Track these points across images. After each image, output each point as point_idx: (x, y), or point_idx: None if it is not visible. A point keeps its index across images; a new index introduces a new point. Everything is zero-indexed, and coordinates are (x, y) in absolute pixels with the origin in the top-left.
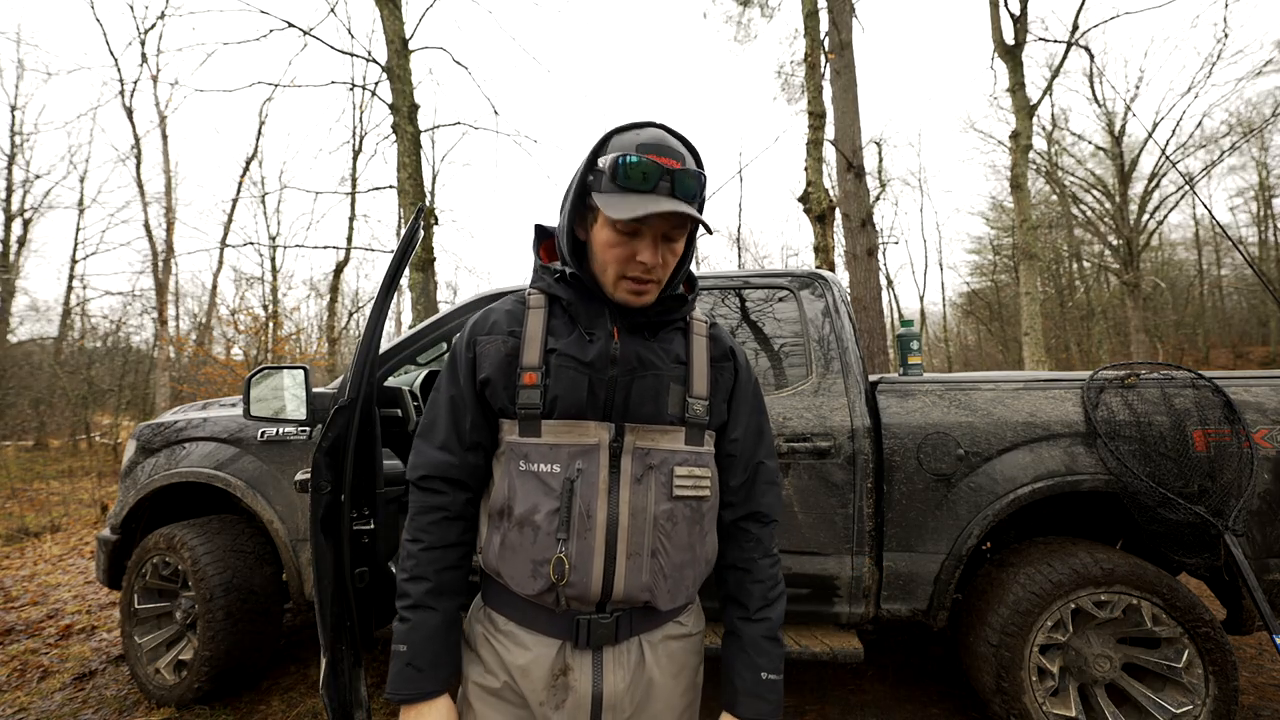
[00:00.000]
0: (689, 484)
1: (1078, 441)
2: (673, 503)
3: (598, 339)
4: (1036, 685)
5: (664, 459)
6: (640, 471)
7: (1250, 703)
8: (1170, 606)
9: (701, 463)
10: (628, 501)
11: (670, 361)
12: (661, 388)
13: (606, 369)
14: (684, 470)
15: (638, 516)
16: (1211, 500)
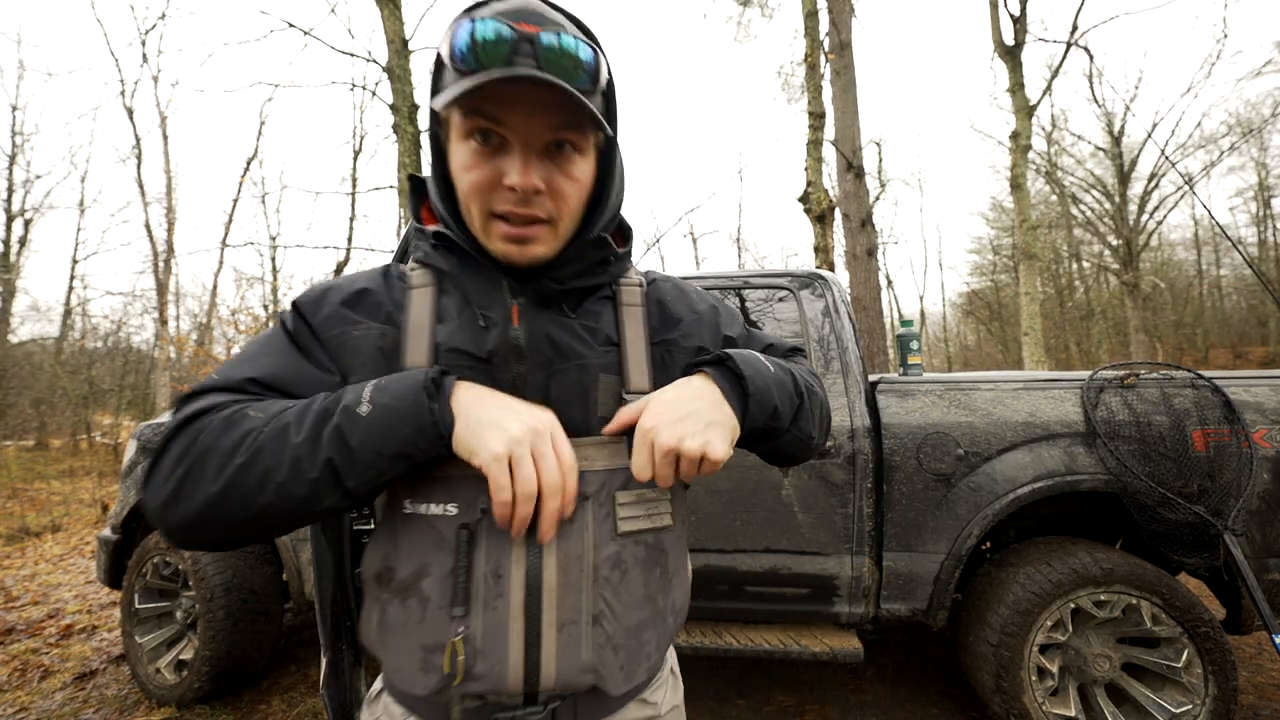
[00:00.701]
0: (639, 513)
1: (1077, 441)
2: (619, 542)
3: (494, 323)
4: (1036, 685)
5: (602, 483)
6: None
7: (1249, 702)
8: (1169, 606)
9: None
10: (555, 549)
11: (599, 344)
12: (589, 383)
13: (510, 363)
14: (630, 496)
15: (570, 569)
16: (1211, 500)
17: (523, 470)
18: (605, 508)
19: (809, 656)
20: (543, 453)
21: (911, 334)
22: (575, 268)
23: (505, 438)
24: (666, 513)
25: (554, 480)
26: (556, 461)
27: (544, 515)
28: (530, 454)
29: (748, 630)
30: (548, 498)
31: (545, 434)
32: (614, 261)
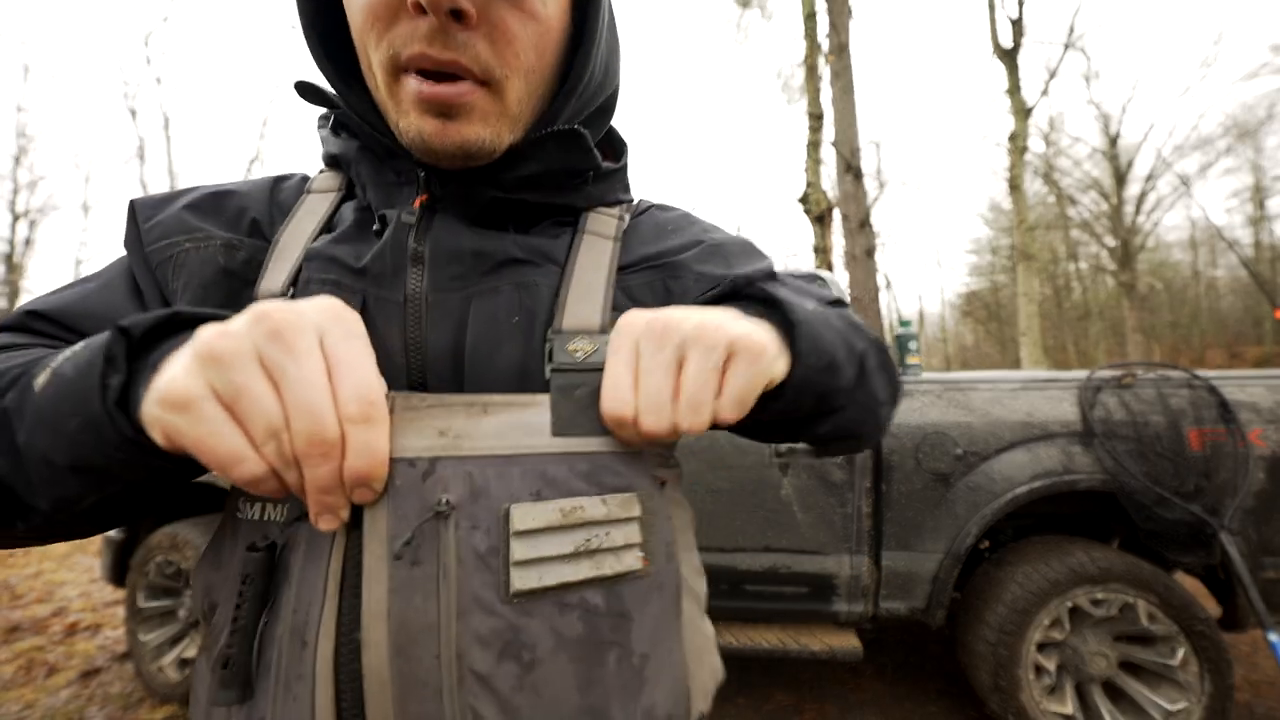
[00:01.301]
0: (567, 549)
1: (1075, 441)
2: (516, 609)
3: (389, 222)
4: (1033, 683)
5: (480, 486)
6: (420, 528)
7: (1245, 699)
8: (1166, 604)
9: (609, 481)
10: (388, 616)
11: (547, 260)
12: (534, 309)
13: (397, 277)
14: (545, 514)
15: (415, 651)
16: (1207, 499)
17: (243, 404)
18: (489, 537)
19: (808, 655)
20: (282, 365)
21: (910, 334)
22: (530, 170)
23: (193, 363)
24: (632, 545)
25: (308, 405)
26: (321, 370)
27: (309, 488)
28: (261, 373)
29: (747, 629)
30: (305, 450)
31: (291, 330)
32: (593, 179)
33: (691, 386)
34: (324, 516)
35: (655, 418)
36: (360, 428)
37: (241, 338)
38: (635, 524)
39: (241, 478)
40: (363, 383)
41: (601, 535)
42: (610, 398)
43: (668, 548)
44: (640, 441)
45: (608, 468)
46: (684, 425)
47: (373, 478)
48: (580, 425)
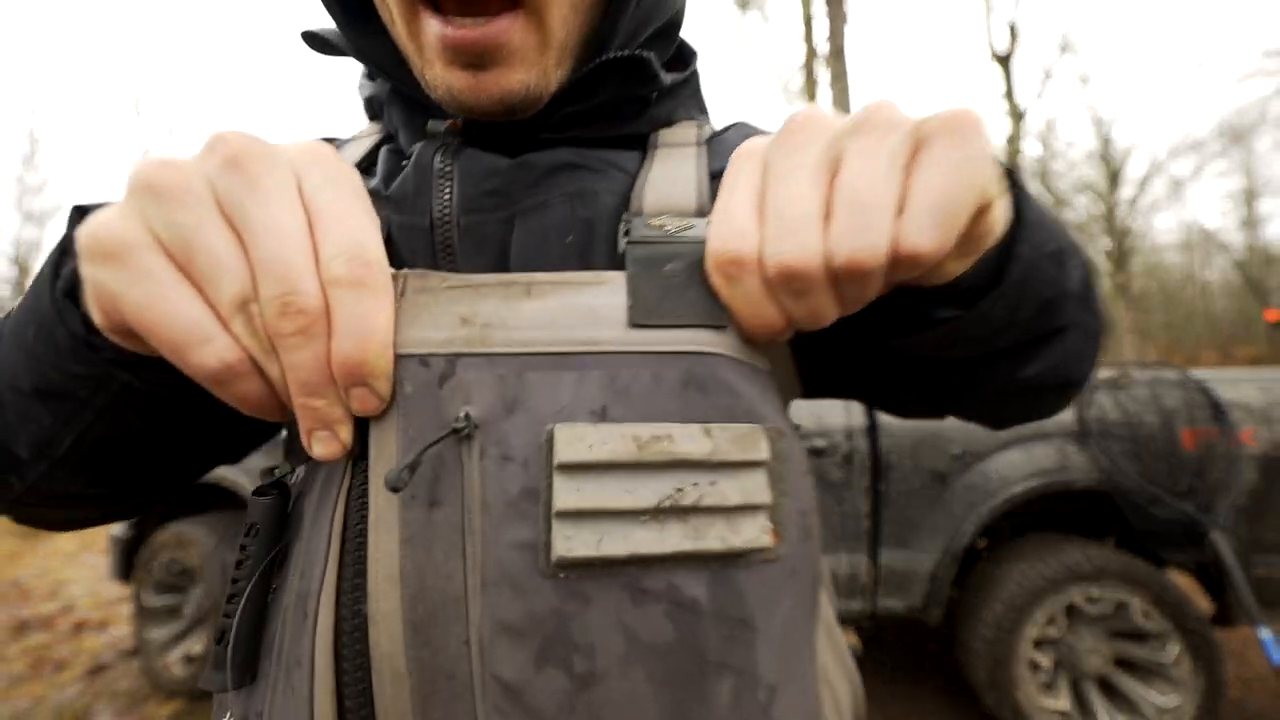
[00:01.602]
0: (649, 502)
1: (1070, 441)
2: (562, 590)
3: (422, 153)
4: (1029, 679)
5: (513, 398)
6: (437, 456)
7: (1237, 696)
8: (1160, 602)
9: (718, 401)
10: (401, 579)
11: (612, 166)
12: (594, 218)
13: (421, 199)
14: (607, 437)
15: (441, 634)
16: (1200, 498)
17: (199, 259)
18: (525, 473)
19: None
20: (243, 206)
21: None
22: (583, 105)
23: (127, 200)
24: (756, 507)
25: (277, 258)
26: (295, 215)
27: (292, 388)
28: (218, 216)
29: None
30: (276, 325)
31: (256, 160)
32: (656, 100)
33: (856, 184)
34: (318, 435)
35: (792, 244)
36: (349, 293)
37: (190, 168)
38: (761, 472)
39: (209, 368)
40: (352, 235)
41: (703, 485)
42: (720, 228)
43: (804, 518)
44: (768, 320)
45: (717, 379)
46: (843, 253)
47: (371, 369)
48: (673, 311)
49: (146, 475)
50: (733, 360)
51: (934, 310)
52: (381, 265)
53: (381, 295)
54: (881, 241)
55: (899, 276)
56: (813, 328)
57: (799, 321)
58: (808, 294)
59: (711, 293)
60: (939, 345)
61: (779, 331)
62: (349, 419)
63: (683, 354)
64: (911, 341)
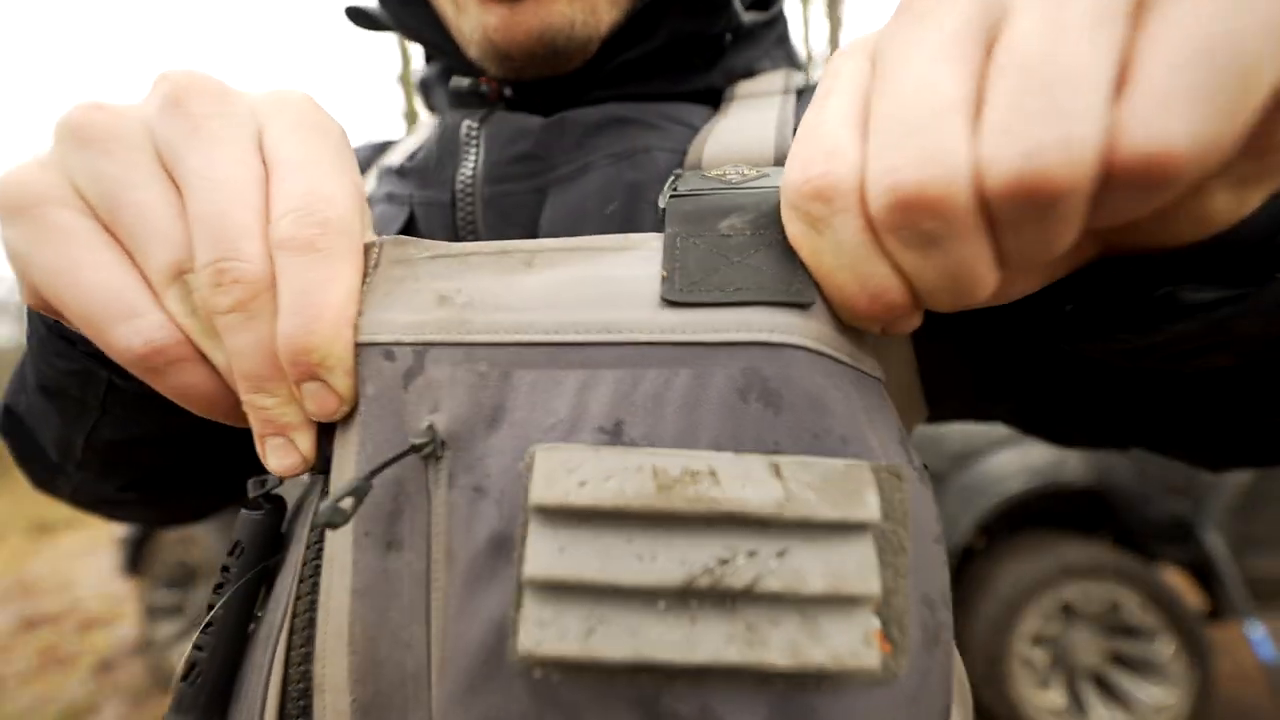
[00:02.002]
0: (663, 569)
1: None
2: (546, 690)
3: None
4: (1024, 676)
5: (535, 393)
6: (398, 480)
7: (1230, 690)
8: (1153, 598)
9: (818, 424)
10: (350, 642)
11: (671, 121)
12: (644, 180)
13: (447, 170)
14: (611, 466)
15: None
16: (1192, 495)
17: (126, 216)
18: (500, 511)
19: None
20: (181, 153)
21: None
22: (639, 56)
23: (50, 147)
24: (856, 599)
25: (213, 214)
26: (243, 165)
27: (237, 379)
28: (155, 167)
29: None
30: (211, 299)
31: (203, 98)
32: (732, 44)
33: (1033, 46)
34: (271, 443)
35: (915, 152)
36: (297, 259)
37: (127, 113)
38: (865, 541)
39: (134, 350)
40: (310, 190)
41: (766, 555)
42: (803, 151)
43: (935, 612)
44: (878, 287)
45: (795, 386)
46: (1010, 159)
47: (322, 358)
48: (729, 282)
49: (177, 481)
50: (822, 357)
51: (1180, 291)
52: (343, 226)
53: (338, 263)
54: (1087, 134)
55: (1120, 213)
56: (954, 306)
57: (929, 292)
58: (944, 240)
59: (790, 254)
60: (1183, 354)
61: (896, 310)
62: (308, 424)
63: (741, 345)
64: (1137, 345)
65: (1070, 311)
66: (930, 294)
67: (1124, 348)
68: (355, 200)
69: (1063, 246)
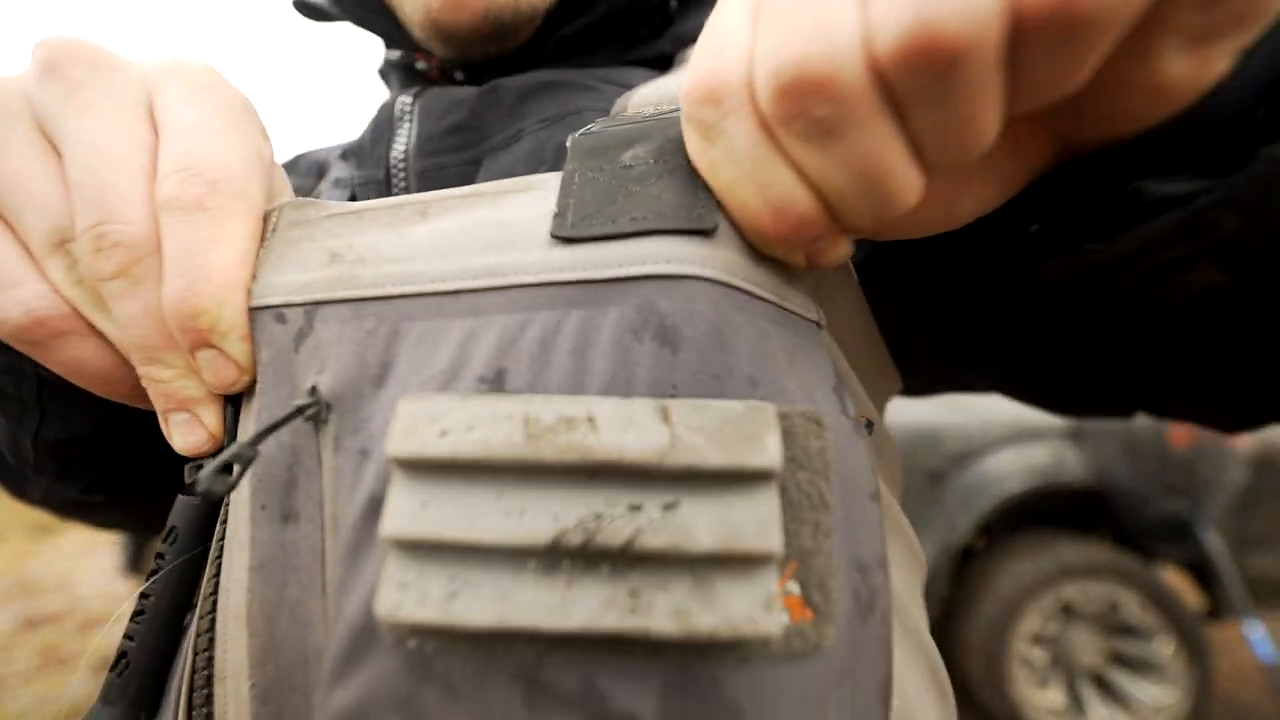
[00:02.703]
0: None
1: (1064, 441)
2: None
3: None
4: (1024, 676)
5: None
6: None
7: (1229, 690)
8: (1152, 598)
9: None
10: (248, 622)
11: (609, 84)
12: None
13: (382, 146)
14: (479, 413)
15: (293, 704)
16: (1191, 495)
17: (2, 184)
18: (381, 471)
19: None
20: (60, 119)
21: None
22: (586, 19)
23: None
24: (763, 558)
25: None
26: (124, 128)
27: (129, 349)
28: (34, 134)
29: None
30: (92, 263)
31: (80, 63)
32: (678, 14)
33: None
34: (174, 419)
35: (800, 23)
36: (181, 219)
37: (8, 82)
38: (766, 492)
39: (14, 322)
40: (197, 150)
41: (650, 509)
42: (700, 50)
43: (868, 576)
44: (780, 198)
45: (696, 321)
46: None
47: (212, 321)
48: (625, 212)
49: (142, 481)
50: (731, 289)
51: (1148, 184)
52: (233, 188)
53: (227, 223)
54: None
55: (1043, 77)
56: (877, 221)
57: (842, 202)
58: (842, 128)
59: (694, 178)
60: (1164, 267)
61: (809, 228)
62: (211, 398)
63: (636, 279)
64: (1104, 257)
65: (1035, 233)
66: (844, 204)
67: (1091, 261)
68: (252, 163)
69: (986, 129)
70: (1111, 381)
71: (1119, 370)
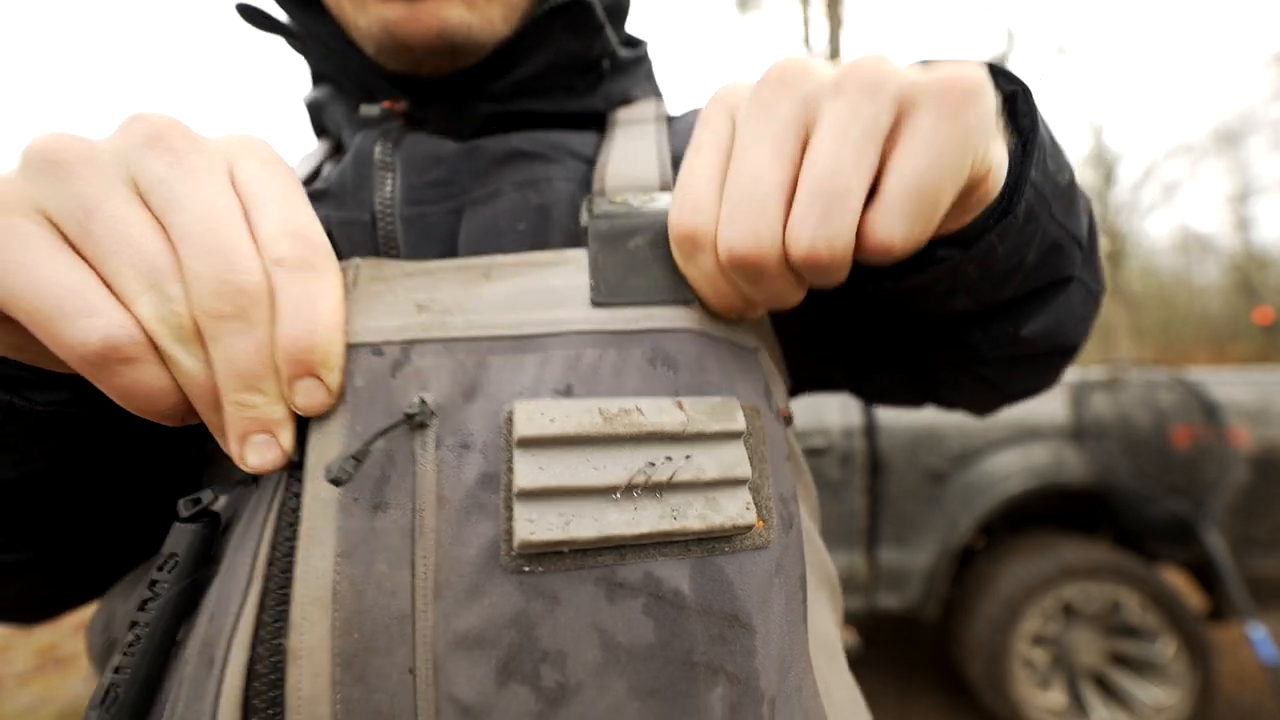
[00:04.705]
0: (609, 472)
1: (1065, 440)
2: (524, 586)
3: (362, 143)
4: (1025, 676)
5: (470, 382)
6: (386, 450)
7: (1231, 690)
8: (1154, 599)
9: (688, 379)
10: (333, 600)
11: (565, 153)
12: (549, 203)
13: (362, 191)
14: (571, 410)
15: (378, 666)
16: (1192, 496)
17: (97, 230)
18: (485, 460)
19: None
20: (168, 185)
21: None
22: (531, 68)
23: (15, 170)
24: (735, 481)
25: (214, 236)
26: (229, 196)
27: (224, 382)
28: (129, 192)
29: None
30: (211, 307)
31: (181, 136)
32: (610, 72)
33: (823, 163)
34: (253, 440)
35: (743, 230)
36: (295, 274)
37: (99, 143)
38: (738, 444)
39: (90, 345)
40: (294, 216)
41: (678, 458)
42: (680, 201)
43: (785, 506)
44: (728, 300)
45: (687, 355)
46: (801, 245)
47: (322, 356)
48: (637, 287)
49: (73, 532)
50: (703, 335)
51: (931, 250)
52: (327, 249)
53: (329, 278)
54: (844, 234)
55: (872, 263)
56: (779, 308)
57: (761, 304)
58: (763, 280)
59: (676, 270)
60: (936, 294)
61: (743, 310)
62: (291, 420)
63: (649, 331)
64: (905, 287)
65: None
66: (761, 304)
67: (892, 289)
68: (320, 226)
69: (839, 280)
70: (913, 374)
71: (916, 364)
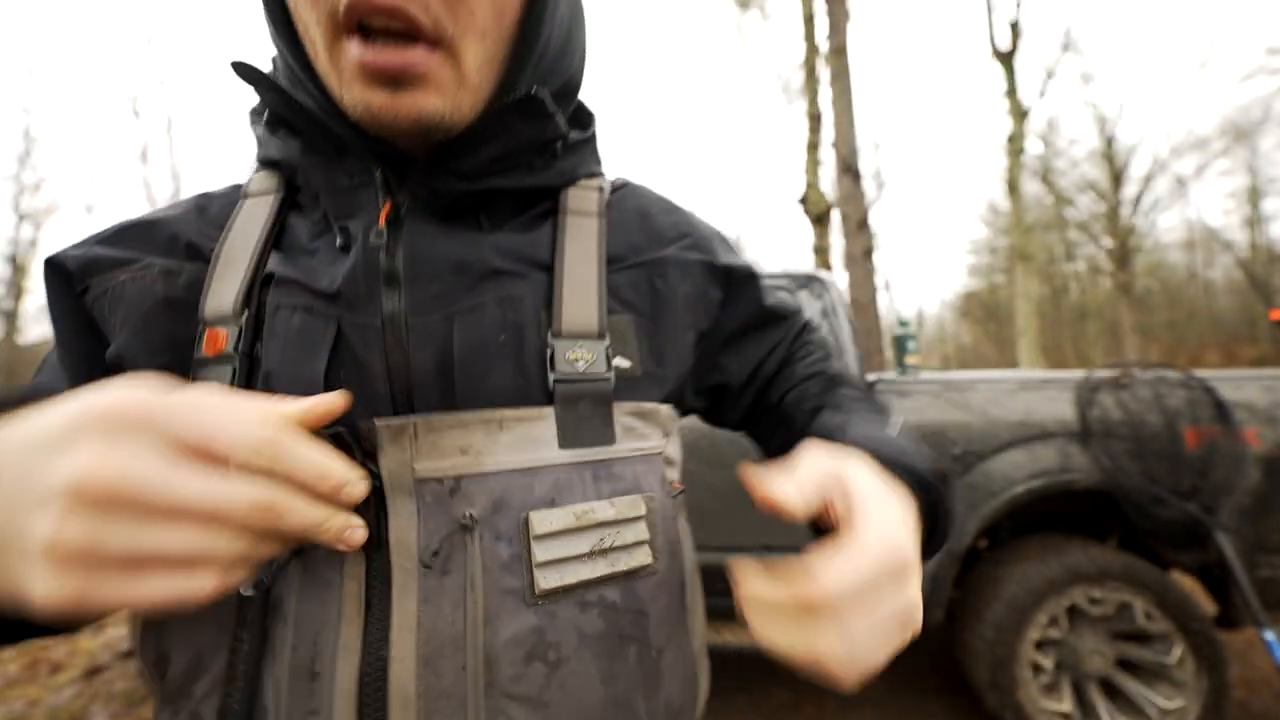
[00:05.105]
0: (584, 549)
1: (1072, 441)
2: (542, 611)
3: (355, 237)
4: (1031, 680)
5: (500, 496)
6: (447, 540)
7: (1241, 697)
8: (1162, 603)
9: (617, 485)
10: (417, 628)
11: (529, 266)
12: (523, 324)
13: (374, 300)
14: (563, 518)
15: (442, 662)
16: (1203, 498)
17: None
18: (511, 545)
19: None
20: (278, 459)
21: (908, 335)
22: (496, 149)
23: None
24: (642, 542)
25: (320, 466)
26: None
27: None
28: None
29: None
30: (251, 517)
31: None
32: (563, 152)
33: (869, 640)
34: (353, 533)
35: (835, 645)
36: (267, 451)
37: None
38: (642, 523)
39: (250, 504)
40: (244, 416)
41: (613, 535)
42: (824, 583)
43: (673, 545)
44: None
45: (614, 473)
46: (840, 660)
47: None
48: (585, 437)
49: None
50: (624, 460)
51: None
52: (280, 416)
53: (293, 433)
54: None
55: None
56: None
57: None
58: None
59: (608, 421)
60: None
61: None
62: (352, 515)
63: (593, 462)
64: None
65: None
66: None
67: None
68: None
69: None
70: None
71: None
